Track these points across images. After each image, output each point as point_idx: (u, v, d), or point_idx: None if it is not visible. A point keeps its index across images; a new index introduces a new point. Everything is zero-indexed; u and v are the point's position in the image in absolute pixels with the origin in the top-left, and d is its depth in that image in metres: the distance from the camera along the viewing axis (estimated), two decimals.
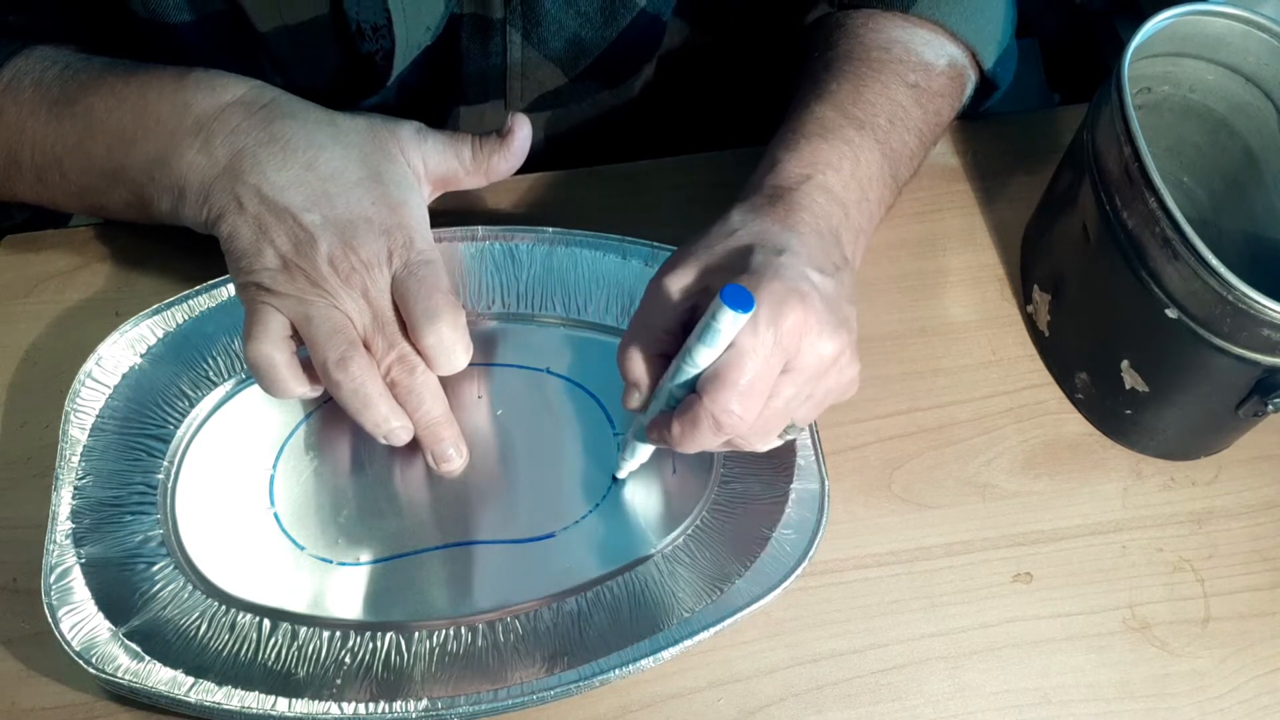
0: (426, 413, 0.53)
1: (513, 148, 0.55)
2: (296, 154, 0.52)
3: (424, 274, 0.51)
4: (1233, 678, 0.54)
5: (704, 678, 0.53)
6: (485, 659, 0.51)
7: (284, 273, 0.51)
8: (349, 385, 0.50)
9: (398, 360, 0.51)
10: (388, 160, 0.54)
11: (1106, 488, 0.58)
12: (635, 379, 0.50)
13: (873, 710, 0.52)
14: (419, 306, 0.51)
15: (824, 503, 0.54)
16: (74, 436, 0.54)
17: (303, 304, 0.51)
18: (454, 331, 0.51)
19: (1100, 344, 0.57)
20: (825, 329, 0.47)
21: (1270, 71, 0.56)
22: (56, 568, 0.51)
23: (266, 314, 0.51)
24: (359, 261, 0.51)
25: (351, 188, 0.52)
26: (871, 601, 0.55)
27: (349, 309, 0.51)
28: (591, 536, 0.55)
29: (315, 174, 0.52)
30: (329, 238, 0.51)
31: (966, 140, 0.69)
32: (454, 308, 0.52)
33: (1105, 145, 0.53)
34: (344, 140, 0.53)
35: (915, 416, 0.60)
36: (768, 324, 0.45)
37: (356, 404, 0.51)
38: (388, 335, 0.51)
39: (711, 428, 0.46)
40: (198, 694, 0.49)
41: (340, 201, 0.52)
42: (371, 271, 0.51)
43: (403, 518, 0.55)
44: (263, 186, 0.51)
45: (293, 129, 0.52)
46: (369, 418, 0.51)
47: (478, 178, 0.56)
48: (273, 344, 0.51)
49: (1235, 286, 0.47)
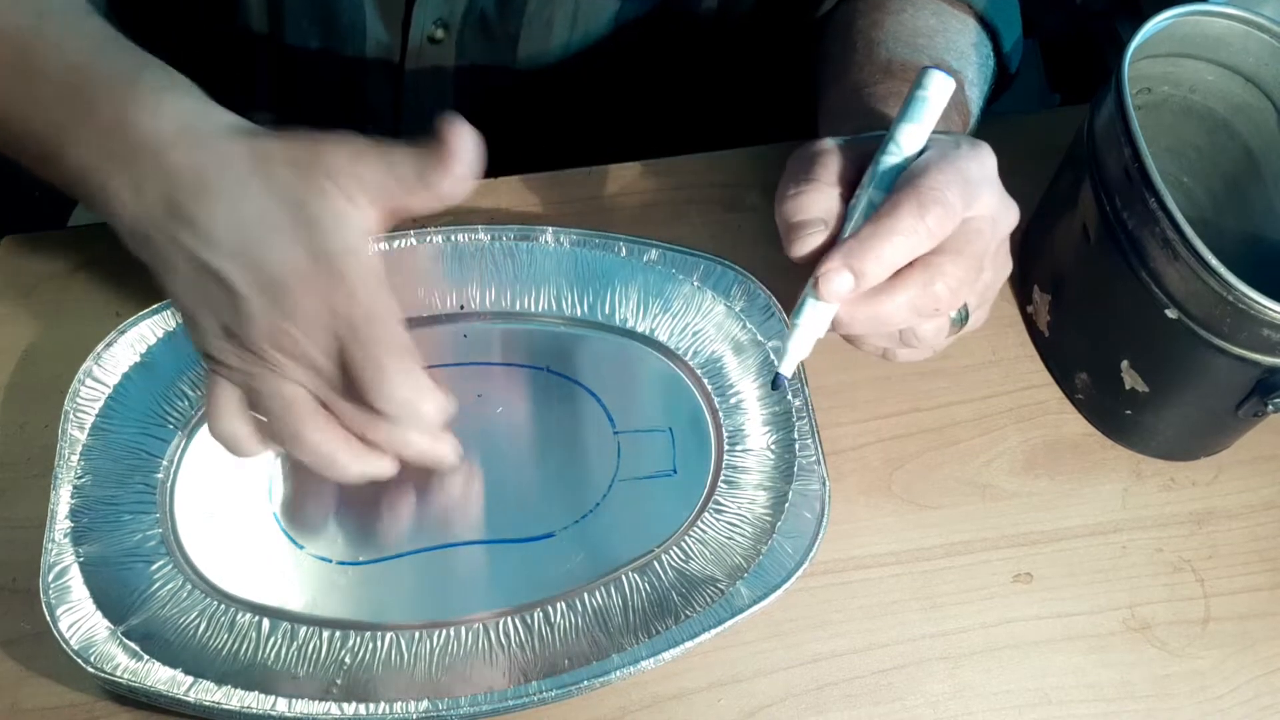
0: (415, 448, 0.49)
1: (452, 165, 0.46)
2: (226, 207, 0.46)
3: (366, 334, 0.46)
4: (1233, 678, 0.54)
5: (704, 678, 0.53)
6: (486, 659, 0.51)
7: (228, 342, 0.47)
8: (312, 459, 0.47)
9: (367, 421, 0.47)
10: (318, 195, 0.46)
11: (1107, 488, 0.58)
12: (821, 212, 0.44)
13: (873, 710, 0.52)
14: (365, 375, 0.46)
15: (824, 503, 0.54)
16: (73, 436, 0.54)
17: (249, 378, 0.47)
18: (410, 389, 0.46)
19: (1100, 344, 0.57)
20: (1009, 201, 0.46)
21: (1270, 72, 0.56)
22: (55, 567, 0.51)
23: (220, 389, 0.48)
24: (294, 327, 0.45)
25: (281, 238, 0.46)
26: (872, 602, 0.55)
27: (297, 376, 0.47)
28: (592, 536, 0.55)
29: (244, 229, 0.46)
30: (262, 305, 0.45)
31: None
32: (401, 362, 0.46)
33: (1105, 146, 0.53)
34: (273, 182, 0.46)
35: (915, 417, 0.60)
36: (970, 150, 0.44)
37: (327, 471, 0.48)
38: (343, 404, 0.47)
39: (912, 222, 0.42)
40: (197, 693, 0.49)
41: (268, 256, 0.46)
42: (310, 333, 0.46)
43: (403, 517, 0.55)
44: (196, 248, 0.46)
45: (224, 177, 0.46)
46: (336, 476, 0.48)
47: (422, 197, 0.48)
48: (231, 419, 0.48)
49: (1235, 287, 0.47)
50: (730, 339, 0.59)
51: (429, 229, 0.60)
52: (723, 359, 0.59)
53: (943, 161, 0.44)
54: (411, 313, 0.59)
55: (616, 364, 0.59)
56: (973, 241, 0.45)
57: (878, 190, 0.43)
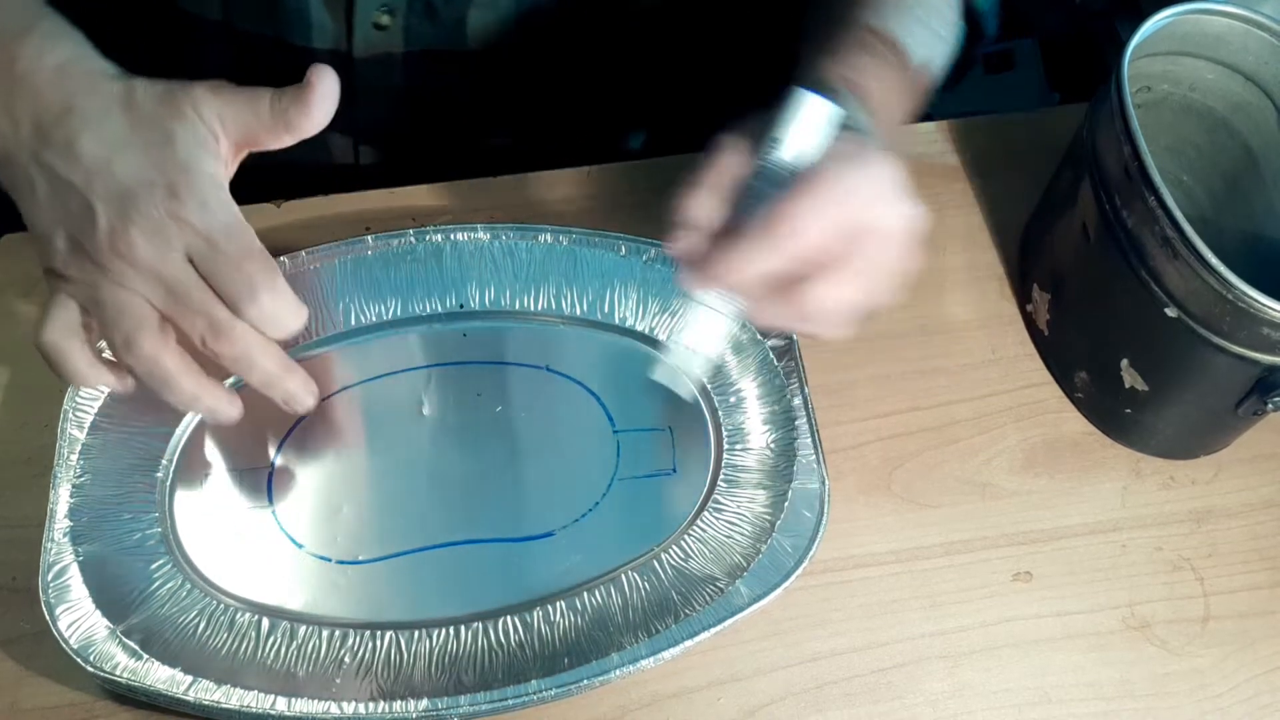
0: (262, 371, 0.49)
1: (310, 100, 0.49)
2: (87, 126, 0.48)
3: (225, 243, 0.47)
4: (1232, 676, 0.54)
5: (704, 677, 0.53)
6: (485, 659, 0.51)
7: (73, 256, 0.47)
8: (141, 367, 0.47)
9: (209, 330, 0.47)
10: (178, 119, 0.49)
11: (1106, 487, 0.58)
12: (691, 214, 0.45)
13: (873, 709, 0.52)
14: (228, 282, 0.47)
15: (824, 502, 0.54)
16: (73, 435, 0.54)
17: (91, 288, 0.47)
18: (275, 297, 0.47)
19: (1100, 343, 0.57)
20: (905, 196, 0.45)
21: (1270, 70, 0.56)
22: (54, 566, 0.51)
23: (58, 301, 0.48)
24: (139, 233, 0.46)
25: (135, 153, 0.48)
26: (871, 600, 0.55)
27: (138, 286, 0.47)
28: (591, 535, 0.55)
29: (103, 145, 0.48)
30: (108, 212, 0.47)
31: (966, 139, 0.69)
32: (267, 269, 0.47)
33: (1105, 144, 0.53)
34: (136, 107, 0.49)
35: (915, 415, 0.60)
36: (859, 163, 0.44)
37: (155, 385, 0.48)
38: (191, 305, 0.47)
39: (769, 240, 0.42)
40: (196, 692, 0.49)
41: (121, 169, 0.47)
42: (155, 240, 0.46)
43: (402, 516, 0.55)
44: (54, 164, 0.48)
45: (90, 102, 0.49)
46: (174, 398, 0.48)
47: (279, 133, 0.50)
48: (61, 331, 0.48)
49: (1235, 285, 0.47)
50: (730, 338, 0.59)
51: (429, 228, 0.60)
52: (722, 358, 0.59)
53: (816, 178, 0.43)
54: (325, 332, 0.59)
55: (616, 363, 0.59)
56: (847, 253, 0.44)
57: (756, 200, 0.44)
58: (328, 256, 0.59)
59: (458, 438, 0.57)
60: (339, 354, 0.59)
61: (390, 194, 0.65)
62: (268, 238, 0.61)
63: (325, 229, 0.62)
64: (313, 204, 0.64)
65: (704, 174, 0.46)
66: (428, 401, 0.58)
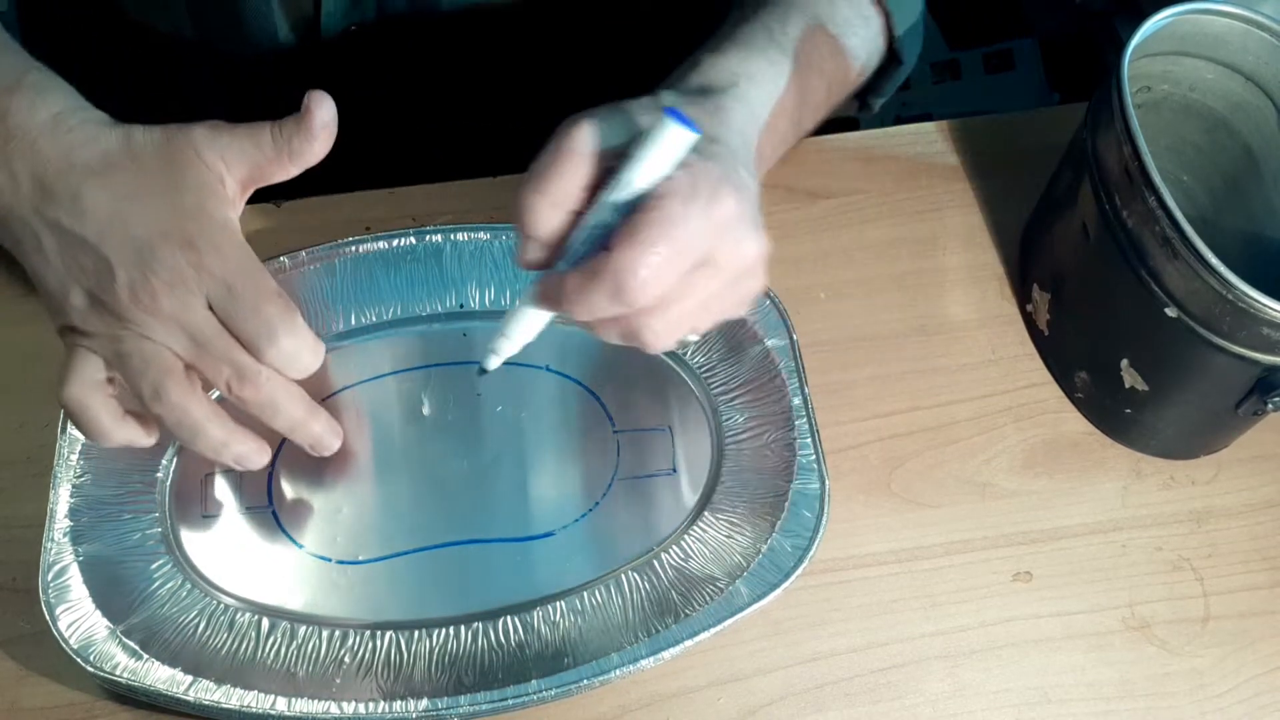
0: (288, 417, 0.49)
1: (312, 127, 0.49)
2: (91, 179, 0.48)
3: (242, 287, 0.47)
4: (1232, 676, 0.54)
5: (704, 677, 0.53)
6: (485, 658, 0.51)
7: (92, 311, 0.47)
8: (171, 417, 0.47)
9: (234, 376, 0.47)
10: (183, 167, 0.49)
11: (1106, 487, 0.58)
12: (538, 230, 0.44)
13: (873, 709, 0.52)
14: (248, 326, 0.47)
15: (824, 502, 0.54)
16: (73, 435, 0.54)
17: (113, 342, 0.47)
18: (294, 339, 0.47)
19: (1100, 343, 0.57)
20: (752, 229, 0.44)
21: (1270, 70, 0.56)
22: (54, 566, 0.51)
23: (78, 356, 0.48)
24: (161, 284, 0.46)
25: (146, 204, 0.48)
26: (871, 601, 0.55)
27: (162, 338, 0.47)
28: (591, 535, 0.55)
29: (111, 198, 0.48)
30: (126, 264, 0.47)
31: (966, 139, 0.69)
32: (286, 311, 0.47)
33: (1105, 144, 0.53)
34: (137, 156, 0.49)
35: (915, 415, 0.60)
36: (706, 201, 0.42)
37: (185, 435, 0.48)
38: (214, 353, 0.47)
39: (611, 289, 0.42)
40: (196, 692, 0.49)
41: (135, 221, 0.47)
42: (176, 291, 0.46)
43: (402, 516, 0.55)
44: (61, 219, 0.48)
45: (90, 154, 0.49)
46: (204, 447, 0.48)
47: (284, 165, 0.50)
48: (84, 387, 0.48)
49: (1235, 285, 0.47)
50: (730, 337, 0.59)
51: (429, 228, 0.60)
52: (722, 358, 0.59)
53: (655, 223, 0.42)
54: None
55: (616, 363, 0.59)
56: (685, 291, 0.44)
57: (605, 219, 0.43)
58: (328, 256, 0.59)
59: (458, 438, 0.57)
60: (339, 354, 0.59)
61: (390, 194, 0.65)
62: (268, 237, 0.61)
63: (325, 229, 0.62)
64: (313, 204, 0.64)
65: (549, 180, 0.44)
66: (428, 401, 0.58)
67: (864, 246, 0.64)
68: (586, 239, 0.44)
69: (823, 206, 0.65)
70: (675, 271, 0.42)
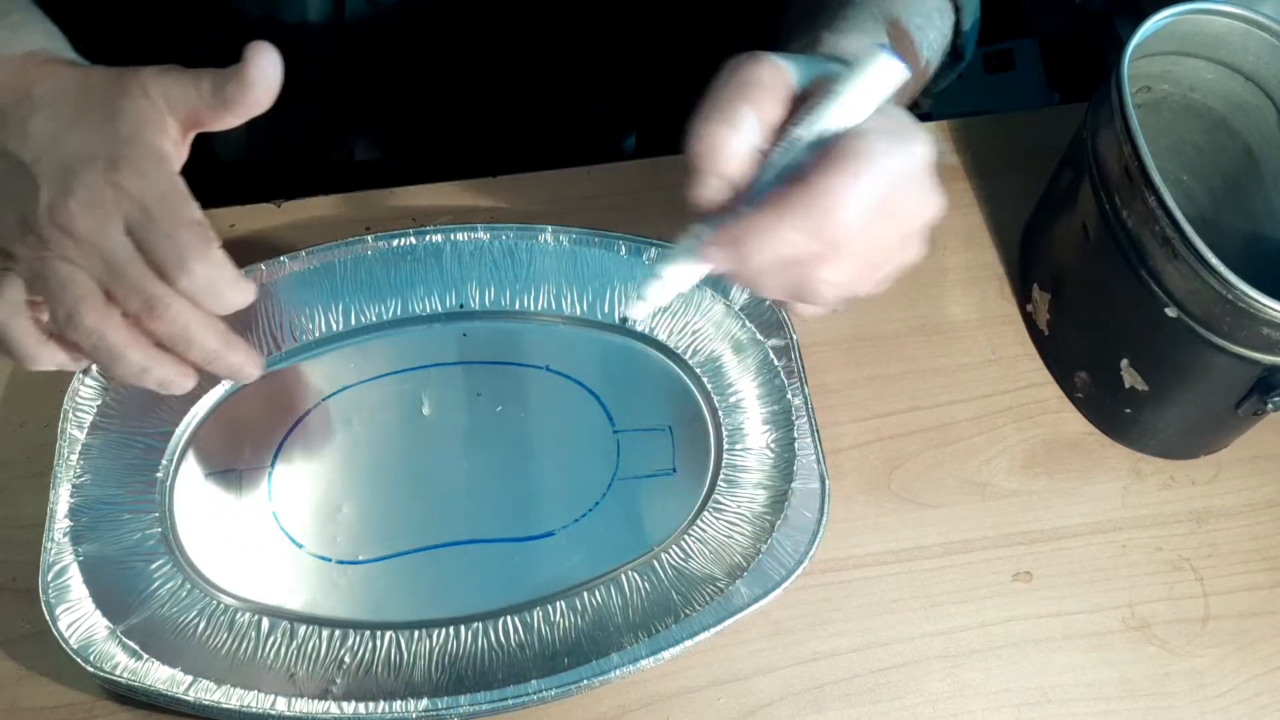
0: (202, 348, 0.47)
1: (247, 78, 0.48)
2: (41, 109, 0.48)
3: (158, 210, 0.46)
4: (1232, 676, 0.54)
5: (704, 677, 0.53)
6: (485, 658, 0.51)
7: (18, 233, 0.47)
8: (88, 342, 0.46)
9: (144, 307, 0.46)
10: (125, 96, 0.48)
11: (1106, 487, 0.58)
12: (721, 165, 0.41)
13: (872, 709, 0.52)
14: (159, 250, 0.45)
15: (824, 502, 0.54)
16: (73, 435, 0.54)
17: (34, 263, 0.46)
18: (209, 267, 0.45)
19: (1100, 343, 0.57)
20: (935, 186, 0.43)
21: (1270, 70, 0.56)
22: (54, 566, 0.51)
23: (4, 280, 0.48)
24: (78, 204, 0.45)
25: (82, 130, 0.47)
26: (871, 601, 0.55)
27: (79, 260, 0.46)
28: (591, 535, 0.55)
29: (52, 124, 0.48)
30: (50, 185, 0.46)
31: (966, 140, 0.69)
32: (201, 239, 0.45)
33: (1105, 144, 0.53)
34: (88, 90, 0.49)
35: (915, 415, 0.60)
36: (906, 142, 0.40)
37: (103, 359, 0.46)
38: (127, 281, 0.46)
39: (813, 216, 0.39)
40: (196, 692, 0.49)
41: (67, 144, 0.47)
42: (93, 211, 0.45)
43: (402, 516, 0.55)
44: (9, 144, 0.48)
45: (47, 88, 0.49)
46: (124, 372, 0.47)
47: (219, 113, 0.49)
48: (6, 309, 0.47)
49: (1235, 285, 0.47)
50: (729, 337, 0.59)
51: (429, 228, 0.60)
52: (722, 358, 0.59)
53: (860, 154, 0.40)
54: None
55: (616, 363, 0.59)
56: (867, 239, 0.42)
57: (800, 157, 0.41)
58: (328, 256, 0.59)
59: (458, 438, 0.57)
60: (339, 354, 0.59)
61: (390, 194, 0.65)
62: (268, 237, 0.61)
63: (325, 229, 0.62)
64: (313, 204, 0.64)
65: (736, 110, 0.41)
66: (428, 401, 0.58)
67: None
68: (775, 179, 0.40)
69: None
70: (873, 207, 0.40)
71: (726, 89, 0.42)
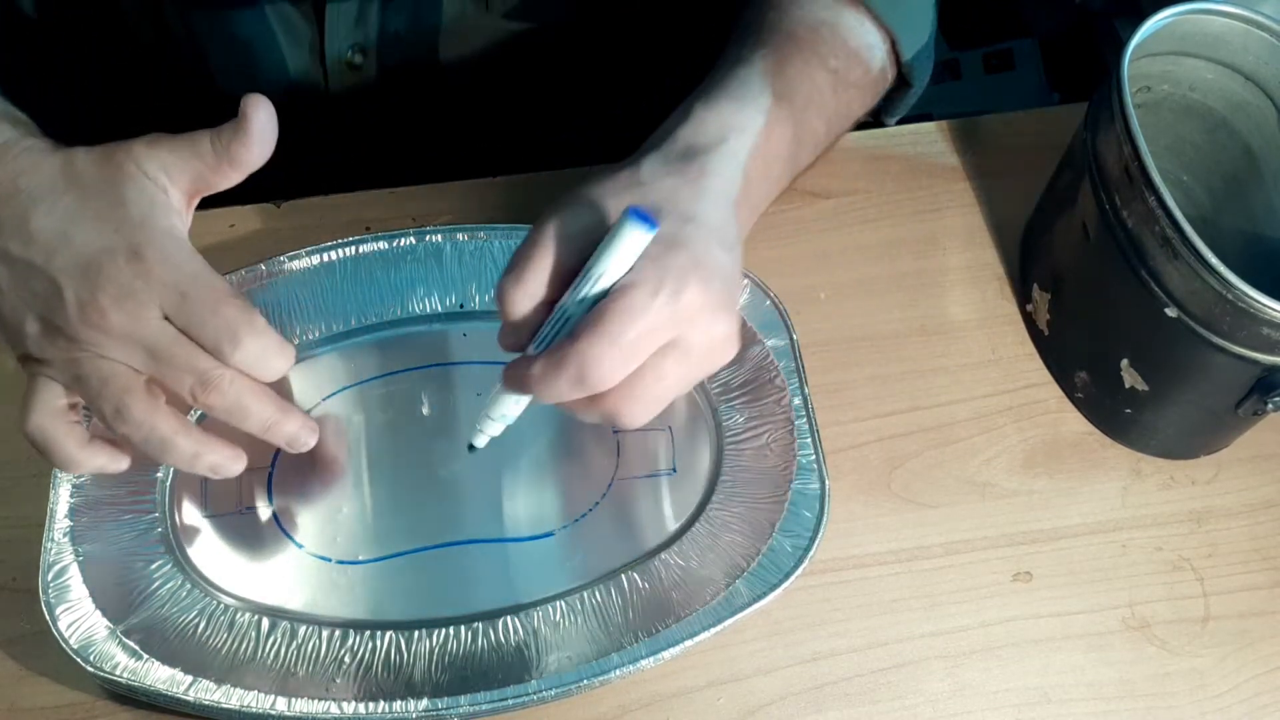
0: (259, 418, 0.48)
1: (250, 131, 0.48)
2: (37, 205, 0.47)
3: (196, 291, 0.46)
4: (1232, 676, 0.54)
5: (704, 677, 0.53)
6: (485, 658, 0.51)
7: (45, 336, 0.46)
8: (138, 435, 0.46)
9: (198, 384, 0.46)
10: (124, 181, 0.48)
11: (1106, 487, 0.58)
12: (518, 316, 0.45)
13: (872, 709, 0.52)
14: (208, 329, 0.46)
15: (824, 502, 0.54)
16: None
17: (70, 365, 0.46)
18: (258, 339, 0.46)
19: (1100, 343, 0.57)
20: (720, 310, 0.45)
21: (1270, 70, 0.56)
22: (54, 566, 0.51)
23: (38, 385, 0.47)
24: (109, 299, 0.45)
25: (90, 222, 0.47)
26: (871, 601, 0.55)
27: (117, 354, 0.46)
28: (591, 535, 0.55)
29: (56, 219, 0.47)
30: (73, 284, 0.46)
31: (966, 139, 0.69)
32: (246, 311, 0.47)
33: (1105, 144, 0.53)
34: (79, 177, 0.48)
35: (915, 415, 0.60)
36: (670, 293, 0.43)
37: (155, 449, 0.47)
38: (175, 362, 0.46)
39: (574, 376, 0.43)
40: (196, 692, 0.49)
41: (80, 240, 0.46)
42: (126, 304, 0.46)
43: (402, 516, 0.55)
44: (10, 247, 0.47)
45: (35, 180, 0.48)
46: (176, 460, 0.48)
47: (225, 172, 0.49)
48: (46, 415, 0.47)
49: (1235, 285, 0.47)
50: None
51: (429, 228, 0.60)
52: None
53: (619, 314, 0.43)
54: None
55: None
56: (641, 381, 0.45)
57: (572, 310, 0.45)
58: (328, 257, 0.59)
59: (458, 438, 0.57)
60: (339, 354, 0.59)
61: (390, 194, 0.65)
62: (268, 237, 0.61)
63: (325, 229, 0.62)
64: (313, 204, 0.64)
65: (522, 270, 0.45)
66: (428, 401, 0.58)
67: (864, 246, 0.64)
68: (555, 327, 0.45)
69: (823, 206, 0.65)
70: (637, 359, 0.44)
71: (521, 248, 0.46)
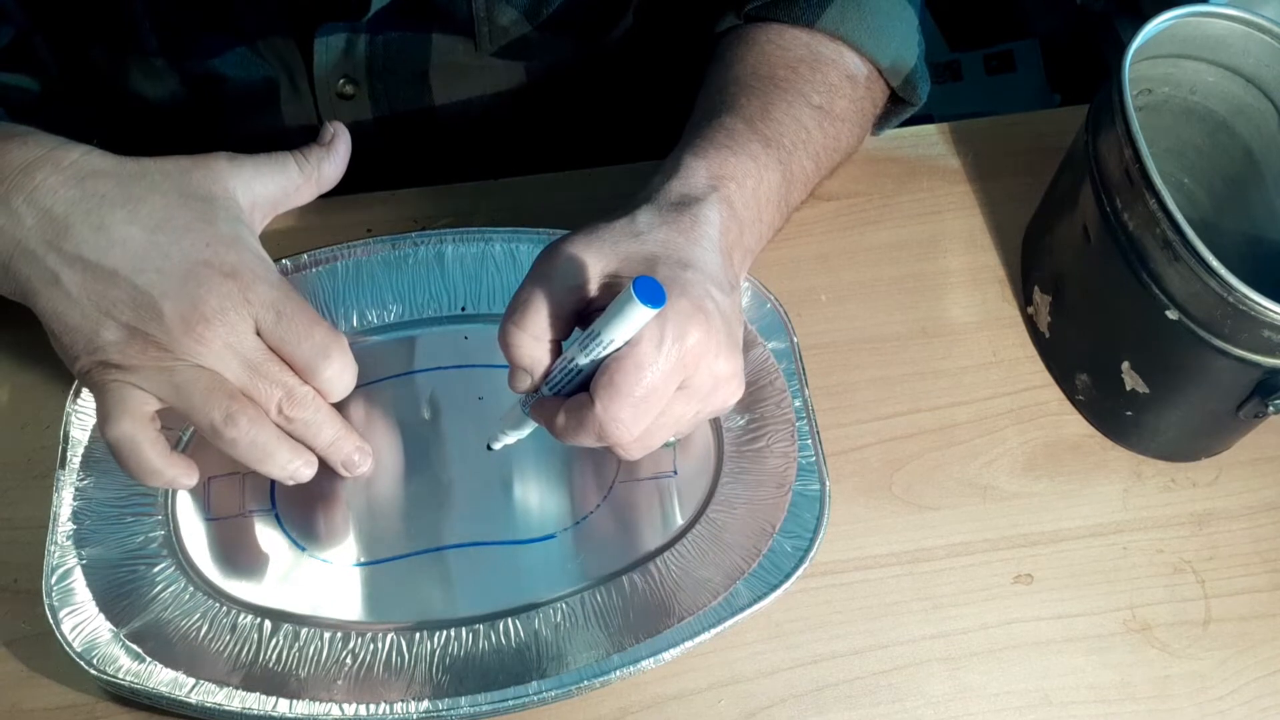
0: (329, 435, 0.51)
1: (341, 152, 0.54)
2: (115, 210, 0.48)
3: (290, 311, 0.49)
4: (1233, 679, 0.54)
5: (705, 679, 0.53)
6: (486, 660, 0.52)
7: (132, 344, 0.47)
8: (245, 441, 0.48)
9: (286, 399, 0.49)
10: (210, 198, 0.50)
11: (1107, 489, 0.58)
12: (527, 363, 0.47)
13: (873, 711, 0.52)
14: (302, 349, 0.49)
15: (825, 504, 0.54)
16: (75, 438, 0.54)
17: (163, 373, 0.47)
18: (344, 361, 0.50)
19: (1101, 345, 0.57)
20: (723, 349, 0.46)
21: (1271, 73, 0.56)
22: (58, 569, 0.51)
23: (121, 391, 0.47)
24: (212, 312, 0.47)
25: (181, 234, 0.48)
26: (872, 603, 0.55)
27: (215, 364, 0.48)
28: (592, 537, 0.55)
29: (139, 228, 0.48)
30: (172, 295, 0.47)
31: (966, 141, 0.69)
32: (336, 336, 0.50)
33: (1106, 147, 0.53)
34: (160, 187, 0.49)
35: (916, 418, 0.60)
36: (673, 341, 0.44)
37: (257, 457, 0.49)
38: (267, 376, 0.49)
39: (595, 432, 0.45)
40: (199, 695, 0.49)
41: (173, 252, 0.48)
42: (227, 317, 0.48)
43: (403, 519, 0.55)
44: (84, 253, 0.47)
45: (105, 184, 0.49)
46: (273, 467, 0.50)
47: (310, 191, 0.54)
48: (134, 423, 0.48)
49: (1236, 288, 0.47)
50: None
51: (430, 230, 0.60)
52: None
53: (627, 371, 0.44)
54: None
55: None
56: (658, 426, 0.46)
57: (580, 364, 0.46)
58: (329, 259, 0.60)
59: (459, 440, 0.57)
60: None
61: (392, 196, 0.65)
62: (269, 239, 0.61)
63: (326, 231, 0.62)
64: (313, 205, 0.64)
65: (525, 316, 0.46)
66: (429, 404, 0.58)
67: (865, 249, 0.65)
68: (566, 376, 0.47)
69: (824, 209, 0.66)
70: (654, 411, 0.45)
71: (520, 292, 0.47)
